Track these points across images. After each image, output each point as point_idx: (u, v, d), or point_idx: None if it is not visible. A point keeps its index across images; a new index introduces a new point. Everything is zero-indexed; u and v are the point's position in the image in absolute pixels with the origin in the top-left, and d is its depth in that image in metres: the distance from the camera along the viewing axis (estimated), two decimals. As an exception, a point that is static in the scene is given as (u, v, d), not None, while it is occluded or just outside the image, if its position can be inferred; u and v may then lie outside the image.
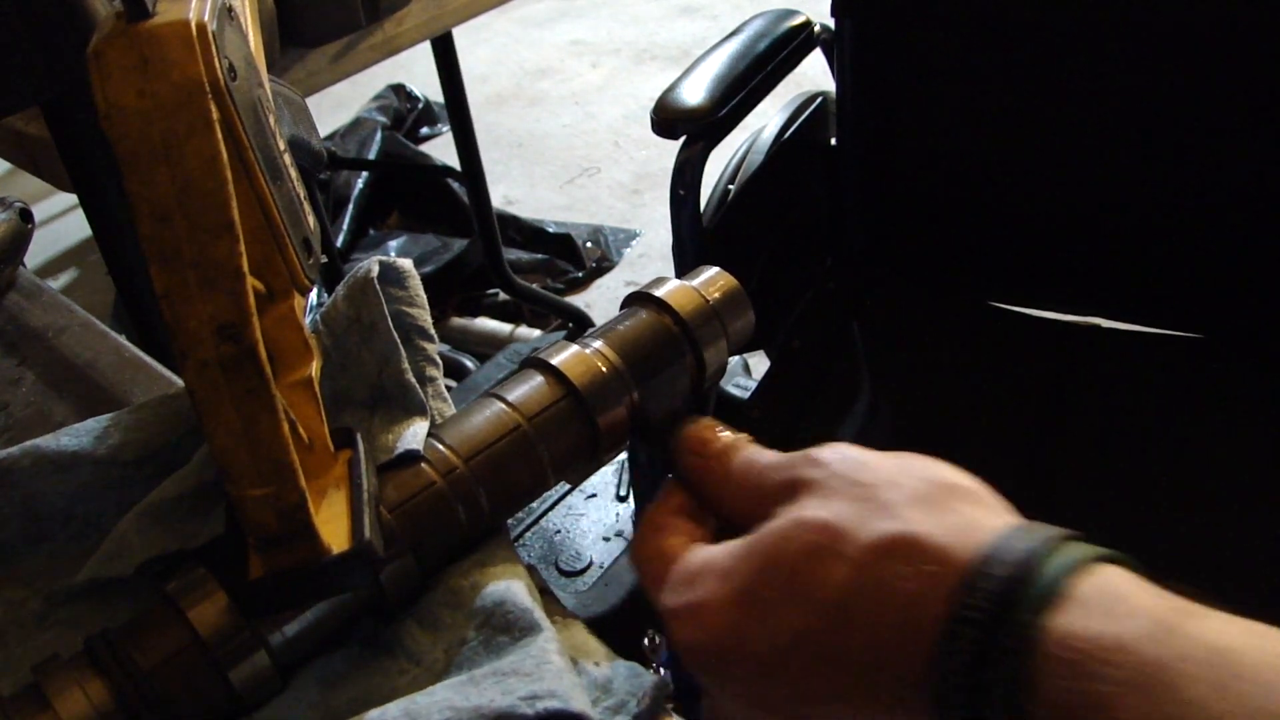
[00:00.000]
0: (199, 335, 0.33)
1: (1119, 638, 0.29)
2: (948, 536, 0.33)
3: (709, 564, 0.38)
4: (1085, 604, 0.30)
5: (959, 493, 0.36)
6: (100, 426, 0.48)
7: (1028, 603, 0.30)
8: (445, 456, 0.42)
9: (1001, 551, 0.32)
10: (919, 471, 0.37)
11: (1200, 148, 1.10)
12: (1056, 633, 0.30)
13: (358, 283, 0.48)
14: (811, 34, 1.21)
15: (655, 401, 0.46)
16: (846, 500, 0.36)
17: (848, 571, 0.34)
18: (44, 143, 1.13)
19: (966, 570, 0.32)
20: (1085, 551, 0.32)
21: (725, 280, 0.48)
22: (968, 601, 0.31)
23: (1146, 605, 0.30)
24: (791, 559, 0.35)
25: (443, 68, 1.78)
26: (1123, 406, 1.12)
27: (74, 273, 2.56)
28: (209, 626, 0.37)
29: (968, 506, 0.35)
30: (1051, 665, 0.29)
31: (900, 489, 0.35)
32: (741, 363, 1.82)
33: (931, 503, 0.35)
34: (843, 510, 0.35)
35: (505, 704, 0.35)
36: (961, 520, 0.34)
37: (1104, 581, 0.31)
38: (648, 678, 0.38)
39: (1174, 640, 0.29)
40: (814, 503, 0.36)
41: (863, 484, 0.36)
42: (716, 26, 3.32)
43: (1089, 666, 0.29)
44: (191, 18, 0.32)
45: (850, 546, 0.34)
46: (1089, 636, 0.29)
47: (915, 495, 0.35)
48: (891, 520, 0.34)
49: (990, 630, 0.31)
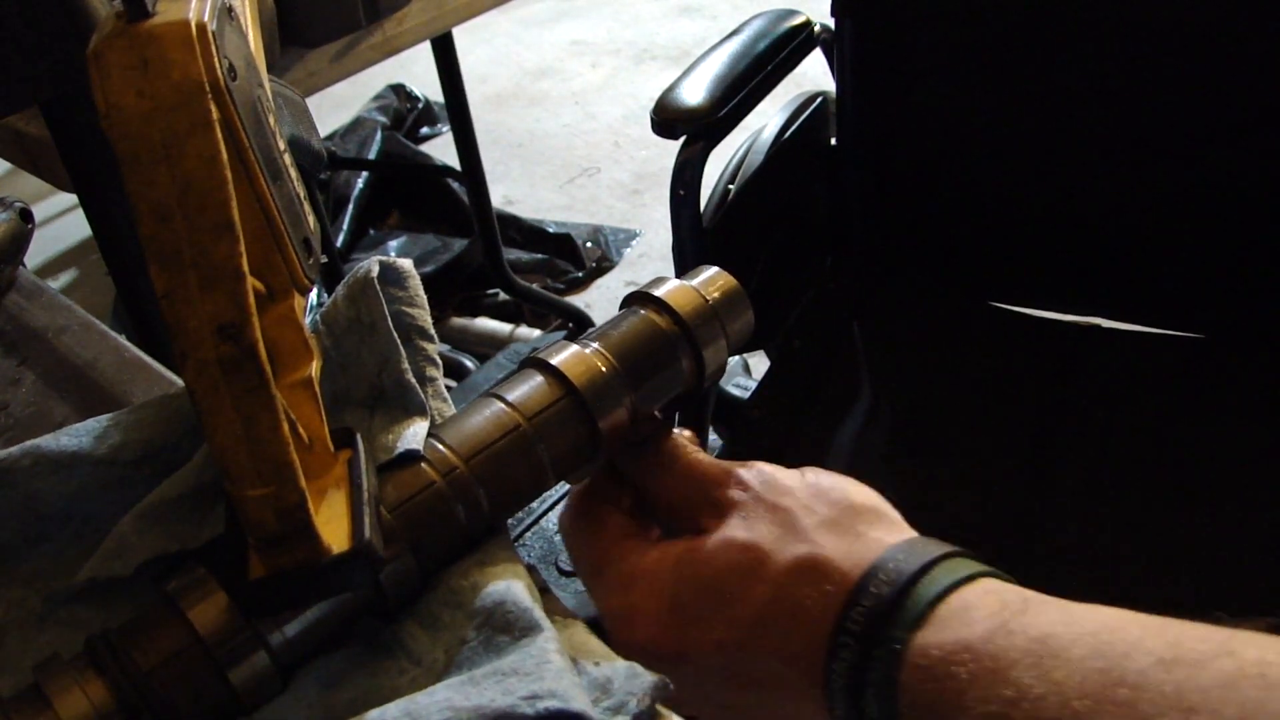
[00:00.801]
0: (199, 335, 0.33)
1: (962, 640, 0.35)
2: (845, 557, 0.39)
3: (644, 570, 0.42)
4: (943, 618, 0.36)
5: (863, 514, 0.41)
6: (100, 426, 0.47)
7: (900, 620, 0.36)
8: (445, 456, 0.42)
9: (883, 570, 0.38)
10: (829, 495, 0.42)
11: (1201, 148, 1.10)
12: (918, 644, 0.35)
13: (358, 283, 0.48)
14: (811, 34, 1.21)
15: (654, 401, 0.46)
16: (768, 524, 0.41)
17: (766, 590, 0.39)
18: (44, 143, 1.13)
19: (853, 587, 0.38)
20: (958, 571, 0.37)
21: (725, 280, 0.48)
22: (851, 615, 0.37)
23: (989, 610, 0.35)
24: (717, 575, 0.41)
25: (443, 68, 1.78)
26: (1123, 406, 1.12)
27: (74, 273, 2.56)
28: (209, 626, 0.37)
29: (869, 527, 0.40)
30: (913, 670, 0.35)
31: (813, 514, 0.41)
32: (741, 363, 1.82)
33: (838, 525, 0.40)
34: (764, 533, 0.41)
35: (506, 704, 0.35)
36: (859, 542, 0.40)
37: (962, 596, 0.36)
38: (647, 678, 0.38)
39: (1003, 636, 0.34)
40: (738, 523, 0.42)
41: (782, 509, 0.41)
42: (716, 26, 3.32)
43: (940, 669, 0.34)
44: (191, 18, 0.32)
45: (769, 568, 0.40)
46: (941, 644, 0.35)
47: (824, 520, 0.41)
48: (803, 544, 0.40)
49: (867, 641, 0.36)
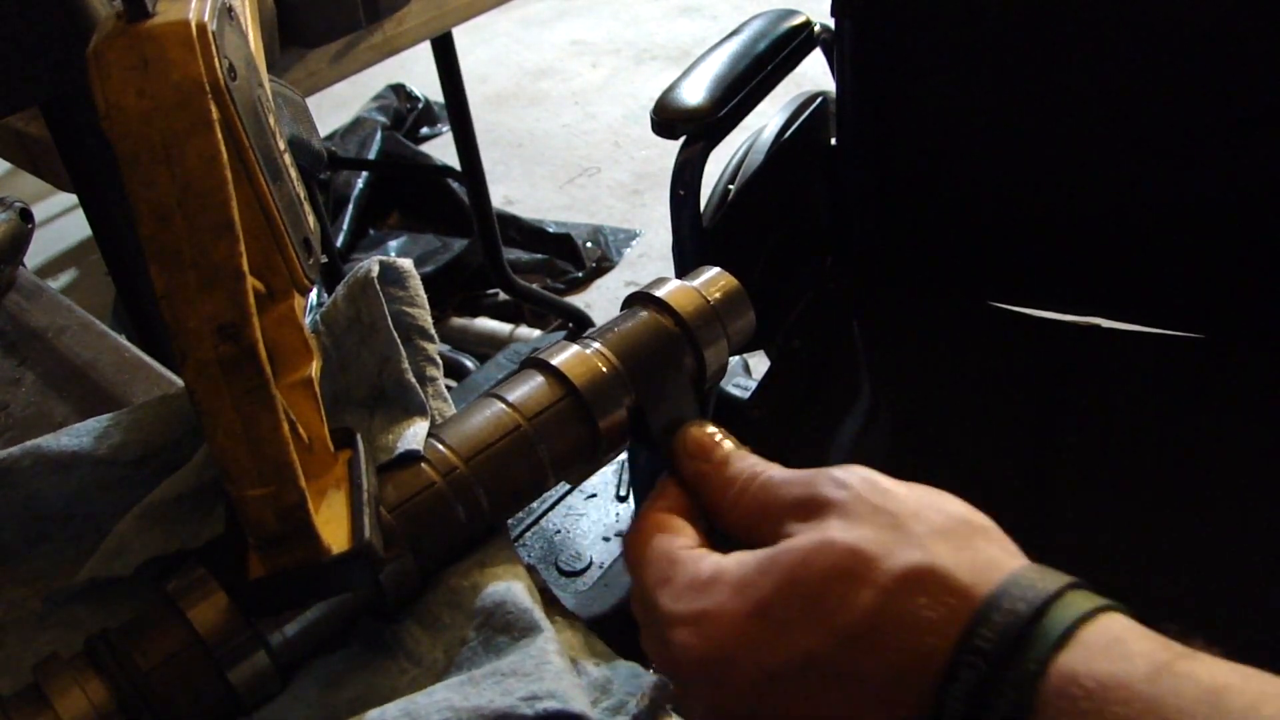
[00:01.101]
0: (199, 335, 0.33)
1: (1118, 676, 0.31)
2: (967, 571, 0.35)
3: (721, 572, 0.38)
4: (1089, 646, 0.32)
5: (979, 530, 0.37)
6: (100, 426, 0.47)
7: (1039, 640, 0.32)
8: (445, 456, 0.42)
9: (1015, 588, 0.34)
10: (940, 505, 0.38)
11: (1201, 148, 1.10)
12: (1061, 671, 0.31)
13: (358, 283, 0.48)
14: (811, 34, 1.21)
15: (655, 402, 0.46)
16: (873, 527, 0.36)
17: (873, 597, 0.35)
18: (44, 143, 1.13)
19: (981, 603, 0.34)
20: (1093, 600, 0.34)
21: (726, 281, 0.48)
22: (980, 632, 0.33)
23: (1144, 649, 0.32)
24: (816, 579, 0.36)
25: (443, 68, 1.78)
26: (1123, 406, 1.12)
27: (74, 273, 2.56)
28: (209, 626, 0.37)
29: (986, 544, 0.36)
30: (1053, 701, 0.31)
31: (925, 521, 0.37)
32: (741, 363, 1.82)
33: (954, 537, 0.36)
34: (869, 536, 0.36)
35: (505, 704, 0.35)
36: (981, 557, 0.35)
37: (1107, 627, 0.33)
38: (647, 678, 0.38)
39: (1170, 679, 0.30)
40: (839, 524, 0.37)
41: (889, 512, 0.37)
42: (716, 26, 3.32)
43: (1089, 703, 0.30)
44: (191, 18, 0.32)
45: (877, 573, 0.35)
46: (1092, 674, 0.31)
47: (939, 529, 0.36)
48: (917, 550, 0.35)
49: (998, 663, 0.32)
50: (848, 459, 0.40)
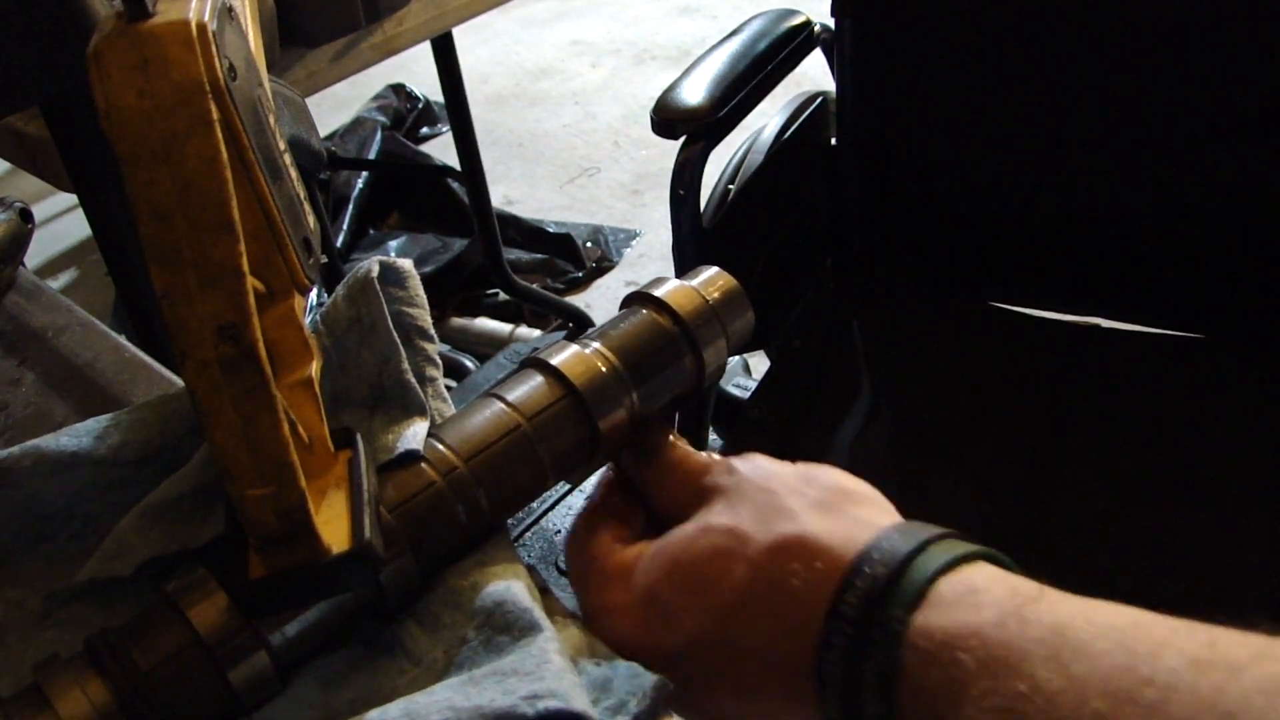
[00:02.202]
0: (199, 335, 0.33)
1: (969, 625, 0.32)
2: (836, 536, 0.36)
3: (621, 567, 0.41)
4: (945, 599, 0.33)
5: (854, 497, 0.39)
6: (100, 427, 0.47)
7: (897, 600, 0.33)
8: (445, 456, 0.42)
9: (877, 550, 0.35)
10: (819, 480, 0.40)
11: (1201, 148, 1.10)
12: (919, 627, 0.33)
13: (358, 283, 0.48)
14: (811, 34, 1.21)
15: (654, 401, 0.46)
16: (752, 505, 0.39)
17: (745, 571, 0.37)
18: (44, 143, 1.13)
19: (847, 567, 0.35)
20: (954, 550, 0.35)
21: (725, 280, 0.48)
22: (845, 598, 0.34)
23: (997, 596, 0.33)
24: (694, 561, 0.38)
25: (443, 68, 1.78)
26: (1123, 406, 1.12)
27: (74, 273, 2.56)
28: (209, 627, 0.37)
29: (859, 509, 0.38)
30: (914, 655, 0.32)
31: (801, 496, 0.38)
32: (741, 363, 1.82)
33: (827, 507, 0.38)
34: (746, 515, 0.38)
35: (506, 703, 0.35)
36: (850, 522, 0.37)
37: (965, 577, 0.34)
38: (647, 677, 0.38)
39: (1016, 624, 0.32)
40: (721, 507, 0.40)
41: (768, 490, 0.39)
42: (716, 26, 3.32)
43: (945, 654, 0.32)
44: (191, 18, 0.32)
45: (750, 548, 0.37)
46: (944, 628, 0.32)
47: (813, 501, 0.38)
48: (789, 522, 0.37)
49: (863, 625, 0.34)
50: (848, 459, 0.41)
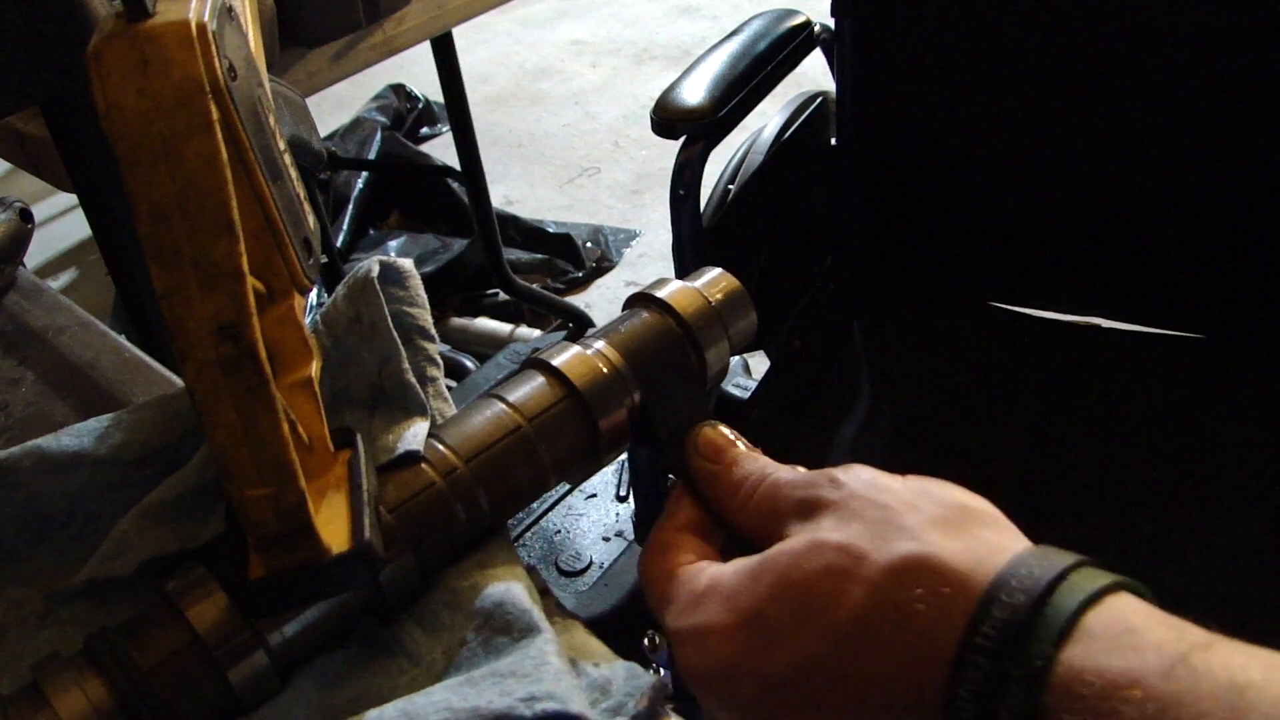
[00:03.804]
0: (199, 335, 0.33)
1: (1131, 673, 0.29)
2: (964, 559, 0.33)
3: (715, 585, 0.37)
4: (1098, 637, 0.30)
5: (977, 516, 0.36)
6: (101, 426, 0.47)
7: (1040, 634, 0.30)
8: (445, 457, 0.42)
9: (1014, 578, 0.32)
10: (937, 495, 0.37)
11: (1200, 147, 1.10)
12: (1069, 665, 0.30)
13: (358, 283, 0.48)
14: (811, 34, 1.21)
15: (657, 403, 0.46)
16: (865, 522, 0.35)
17: (864, 593, 0.34)
18: (44, 143, 1.13)
19: (981, 595, 0.32)
20: (1098, 580, 0.32)
21: (727, 281, 0.48)
22: (980, 629, 0.31)
23: (1159, 639, 0.30)
24: (805, 581, 0.35)
25: (443, 68, 1.78)
26: (1123, 406, 1.12)
27: (74, 273, 2.56)
28: (208, 626, 0.37)
29: (984, 530, 0.35)
30: (1063, 699, 0.29)
31: (919, 512, 0.35)
32: (741, 363, 1.82)
33: (949, 525, 0.35)
34: (861, 532, 0.35)
35: (503, 705, 0.35)
36: (977, 544, 0.34)
37: (1116, 613, 0.31)
38: (647, 678, 0.38)
39: (1186, 675, 0.28)
40: (831, 523, 0.36)
41: (882, 505, 0.36)
42: (716, 26, 3.32)
43: (1101, 702, 0.29)
44: (191, 18, 0.32)
45: (867, 568, 0.34)
46: (1101, 670, 0.29)
47: (934, 518, 0.35)
48: (910, 541, 0.34)
49: (1002, 659, 0.31)
50: (848, 459, 0.40)
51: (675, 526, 0.42)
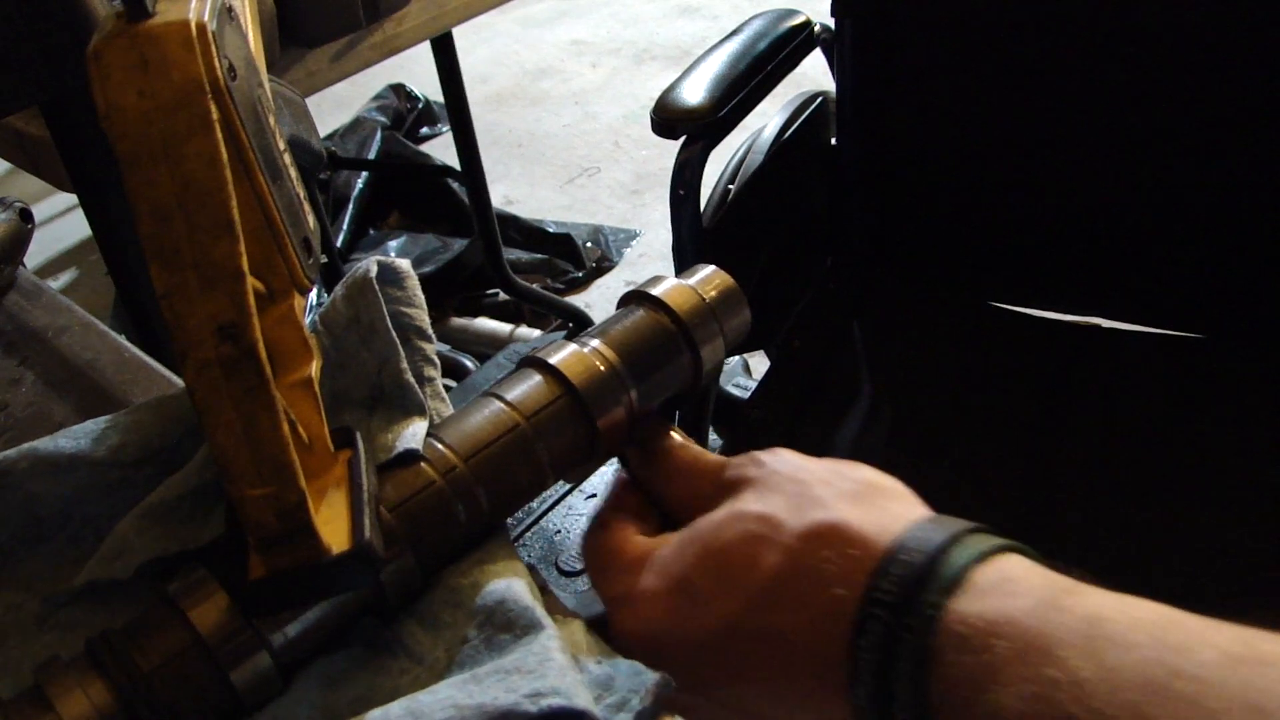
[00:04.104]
0: (199, 335, 0.32)
1: (1005, 613, 0.32)
2: (870, 526, 0.37)
3: (647, 555, 0.41)
4: (981, 587, 0.34)
5: (885, 491, 0.39)
6: (99, 428, 0.47)
7: (932, 586, 0.34)
8: (444, 456, 0.42)
9: (914, 540, 0.35)
10: (849, 474, 0.40)
11: (1200, 147, 1.10)
12: (955, 613, 0.33)
13: (356, 283, 0.48)
14: (811, 34, 1.21)
15: (652, 400, 0.46)
16: (783, 495, 0.39)
17: (780, 556, 0.37)
18: (44, 143, 1.13)
19: (883, 555, 0.35)
20: (988, 542, 0.35)
21: (722, 279, 0.48)
22: (880, 584, 0.35)
23: (1033, 585, 0.33)
24: (727, 547, 0.38)
25: (443, 68, 1.78)
26: (1123, 406, 1.12)
27: (74, 273, 2.56)
28: (210, 627, 0.37)
29: (891, 503, 0.39)
30: (948, 641, 0.33)
31: (832, 487, 0.39)
32: (741, 363, 1.82)
33: (859, 498, 0.38)
34: (779, 503, 0.39)
35: (509, 701, 0.35)
36: (883, 514, 0.37)
37: (1000, 567, 0.34)
38: (650, 676, 0.38)
39: (1052, 613, 0.32)
40: (752, 496, 0.40)
41: (799, 481, 0.40)
42: (716, 26, 3.32)
43: (979, 640, 0.32)
44: (191, 18, 0.32)
45: (784, 534, 0.37)
46: (980, 614, 0.33)
47: (845, 491, 0.39)
48: (822, 510, 0.38)
49: (899, 611, 0.34)
50: (848, 459, 0.41)
51: (614, 507, 0.45)
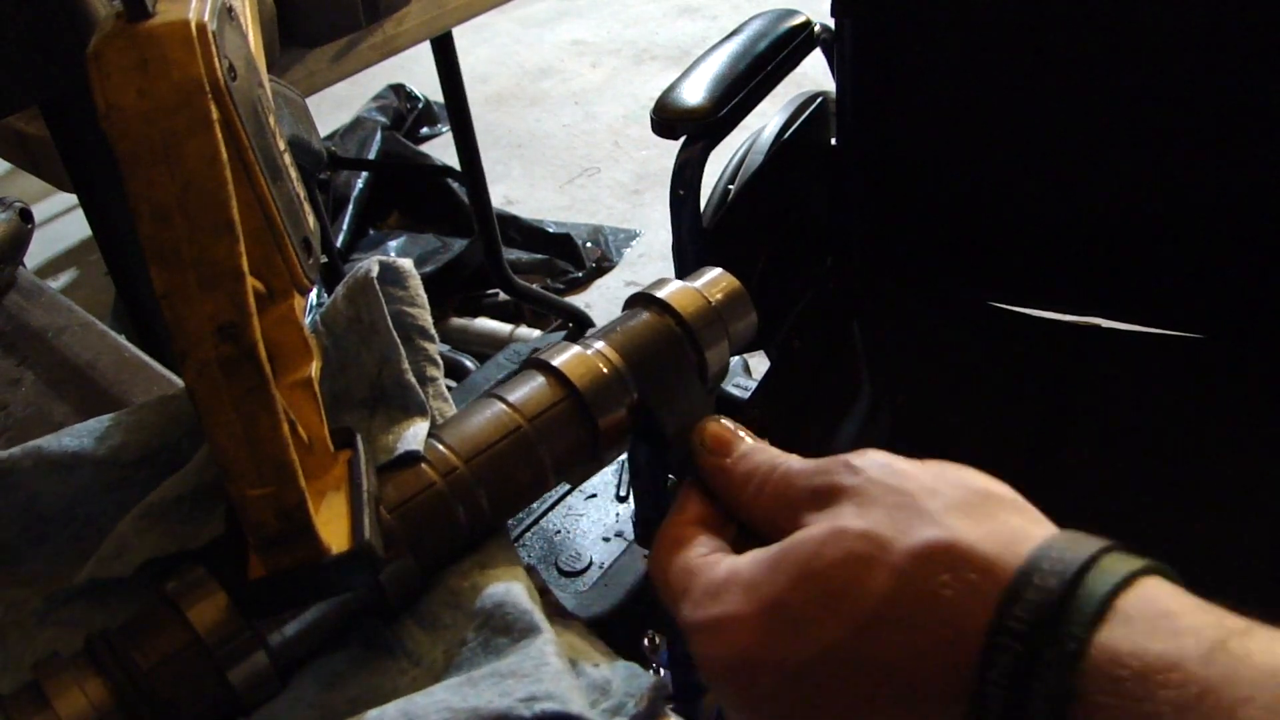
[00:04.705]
0: (199, 335, 0.33)
1: (1169, 656, 0.28)
2: (990, 544, 0.33)
3: (734, 575, 0.36)
4: (1132, 620, 0.30)
5: (998, 500, 0.35)
6: (101, 427, 0.47)
7: (1074, 616, 0.30)
8: (445, 457, 0.42)
9: (1045, 561, 0.31)
10: (957, 479, 0.36)
11: (1201, 147, 1.10)
12: (1104, 648, 0.29)
13: (358, 283, 0.48)
14: (811, 34, 1.21)
15: (657, 403, 0.46)
16: (885, 508, 0.35)
17: (888, 579, 0.33)
18: (44, 143, 1.13)
19: (1010, 579, 0.31)
20: (1130, 564, 0.32)
21: (728, 282, 0.48)
22: (1012, 612, 0.31)
23: (1197, 623, 0.29)
24: (827, 568, 0.34)
25: (443, 68, 1.78)
26: (1123, 406, 1.12)
27: (74, 273, 2.56)
28: (208, 627, 0.37)
29: (1007, 515, 0.35)
30: (1098, 682, 0.29)
31: (940, 496, 0.35)
32: (741, 363, 1.82)
33: (973, 510, 0.34)
34: (882, 518, 0.34)
35: (503, 705, 0.35)
36: (1003, 528, 0.33)
37: (1150, 596, 0.31)
38: (646, 678, 0.38)
39: (1226, 659, 0.28)
40: (851, 510, 0.35)
41: (902, 491, 0.35)
42: (716, 26, 3.32)
43: (1138, 685, 0.28)
44: (191, 18, 0.32)
45: (891, 554, 0.33)
46: (1138, 654, 0.29)
47: (956, 502, 0.35)
48: (933, 527, 0.33)
49: (1034, 643, 0.30)
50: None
51: (685, 521, 0.41)
